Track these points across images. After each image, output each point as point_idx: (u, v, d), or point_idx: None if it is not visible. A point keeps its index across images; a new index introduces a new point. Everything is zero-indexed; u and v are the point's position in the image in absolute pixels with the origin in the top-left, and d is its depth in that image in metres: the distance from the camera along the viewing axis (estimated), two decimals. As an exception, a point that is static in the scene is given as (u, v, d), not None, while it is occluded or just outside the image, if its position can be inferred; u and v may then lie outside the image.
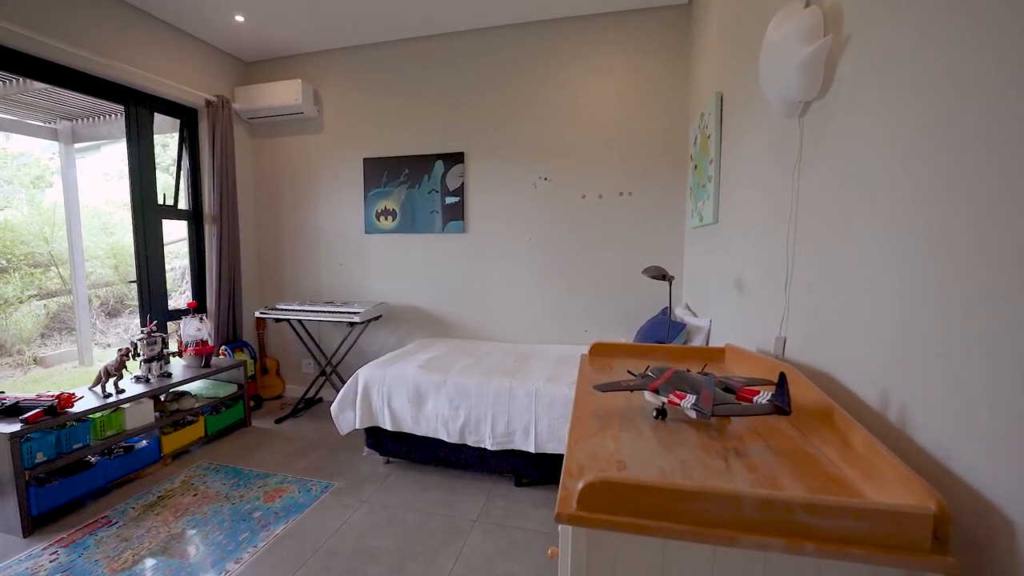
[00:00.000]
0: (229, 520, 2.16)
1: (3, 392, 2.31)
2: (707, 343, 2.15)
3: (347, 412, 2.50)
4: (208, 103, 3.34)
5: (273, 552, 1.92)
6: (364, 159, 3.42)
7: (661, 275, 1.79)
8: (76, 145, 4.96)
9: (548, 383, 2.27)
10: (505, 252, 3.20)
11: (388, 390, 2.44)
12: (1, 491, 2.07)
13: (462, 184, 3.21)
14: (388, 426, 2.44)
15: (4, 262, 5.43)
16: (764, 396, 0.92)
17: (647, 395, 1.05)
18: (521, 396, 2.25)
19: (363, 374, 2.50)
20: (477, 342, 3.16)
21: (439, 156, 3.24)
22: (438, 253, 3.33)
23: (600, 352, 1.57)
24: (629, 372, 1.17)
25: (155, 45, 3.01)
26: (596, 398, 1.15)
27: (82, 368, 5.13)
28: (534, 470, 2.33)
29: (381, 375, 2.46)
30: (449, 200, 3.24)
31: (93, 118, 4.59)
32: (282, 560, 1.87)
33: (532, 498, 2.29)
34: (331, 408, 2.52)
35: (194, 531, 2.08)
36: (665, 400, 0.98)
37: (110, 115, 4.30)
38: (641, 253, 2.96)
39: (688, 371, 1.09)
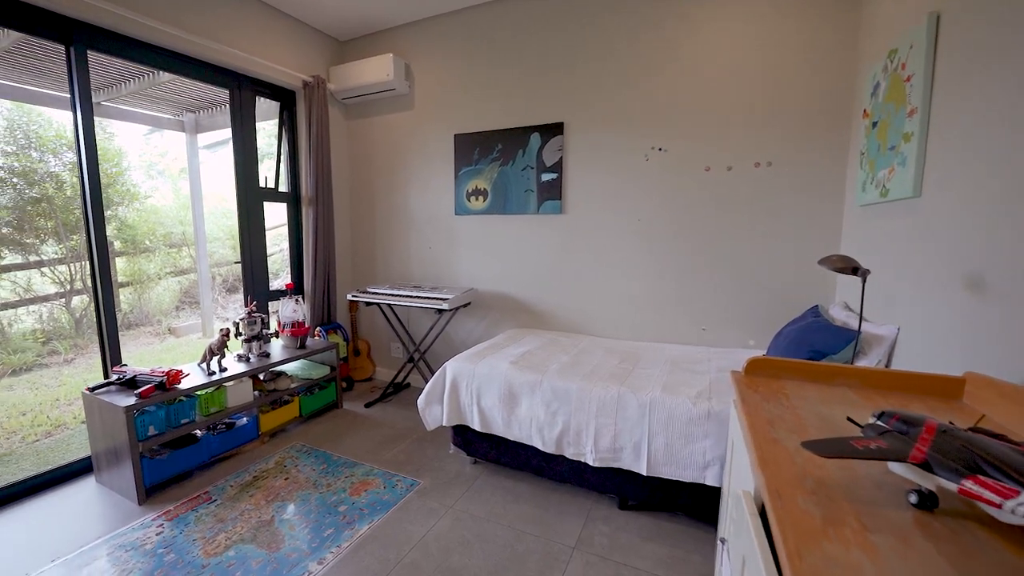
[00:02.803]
0: (316, 511, 2.08)
1: (126, 365, 2.44)
2: (888, 361, 1.62)
3: (433, 407, 2.32)
4: (305, 84, 3.31)
5: (355, 556, 1.79)
6: (455, 135, 3.20)
7: (851, 268, 1.30)
8: (201, 136, 5.39)
9: (665, 393, 1.88)
10: (608, 235, 2.80)
11: (477, 387, 2.21)
12: (120, 459, 2.18)
13: (560, 159, 2.85)
14: (477, 426, 2.22)
15: (147, 243, 6.15)
16: None
17: (897, 466, 0.65)
18: (632, 407, 1.88)
19: (451, 367, 2.29)
20: (573, 336, 2.83)
21: (535, 128, 2.90)
22: (532, 236, 3.03)
23: (762, 371, 1.16)
24: (851, 420, 0.76)
25: (254, 26, 3.01)
26: (791, 453, 0.77)
27: (204, 339, 5.66)
28: (643, 491, 1.97)
29: (470, 370, 2.24)
30: (545, 177, 2.91)
31: (211, 109, 4.91)
32: (363, 569, 1.72)
33: (641, 527, 1.93)
34: (417, 402, 2.36)
35: (282, 520, 2.02)
36: (953, 487, 0.57)
37: (224, 105, 4.56)
38: (781, 237, 2.40)
39: (952, 426, 0.67)
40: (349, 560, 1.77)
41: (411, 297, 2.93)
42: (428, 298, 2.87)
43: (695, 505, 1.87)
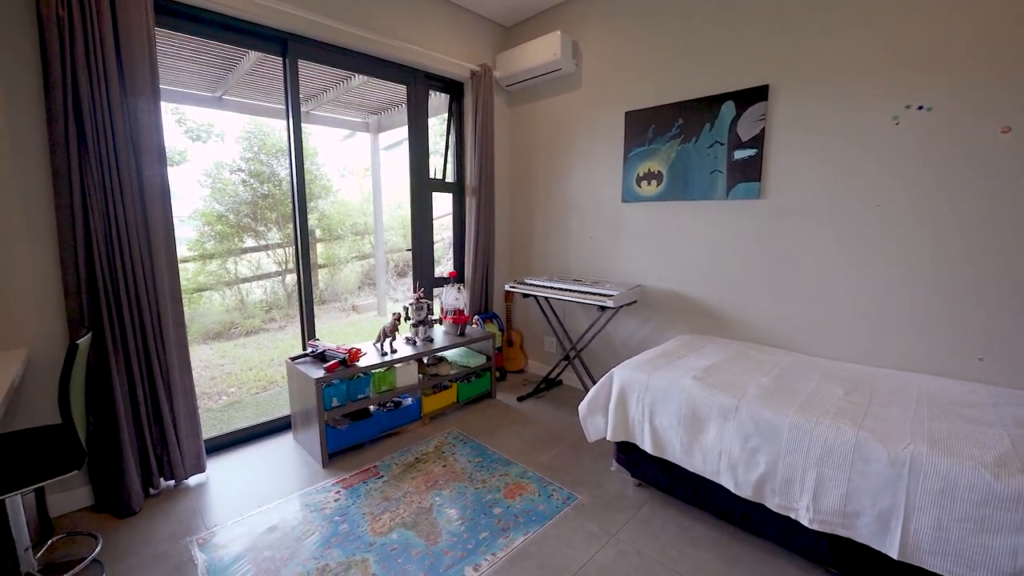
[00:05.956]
0: (471, 507, 2.02)
1: (318, 339, 2.72)
2: None
3: (597, 417, 2.08)
4: (473, 74, 3.32)
5: (510, 571, 1.65)
6: (626, 113, 2.86)
7: None
8: (381, 136, 5.97)
9: (936, 451, 1.32)
10: (825, 225, 2.19)
11: (651, 402, 1.89)
12: (310, 424, 2.42)
13: (762, 131, 2.31)
14: (647, 447, 1.91)
15: (339, 231, 7.14)
16: None
17: None
18: (878, 461, 1.37)
19: (619, 376, 2.01)
20: (768, 350, 2.30)
21: (729, 96, 2.41)
22: (717, 226, 2.55)
23: None
24: None
25: (427, 20, 3.07)
26: None
27: (379, 317, 6.34)
28: (881, 574, 1.44)
29: (643, 381, 1.93)
30: (739, 155, 2.40)
31: (390, 110, 5.38)
32: (521, 590, 1.57)
33: (879, 624, 1.42)
34: (579, 408, 2.14)
35: (440, 511, 2.00)
36: None
37: (401, 105, 4.93)
38: None
39: None
40: (504, 574, 1.64)
41: (571, 291, 2.72)
42: (590, 293, 2.62)
43: (980, 617, 1.29)
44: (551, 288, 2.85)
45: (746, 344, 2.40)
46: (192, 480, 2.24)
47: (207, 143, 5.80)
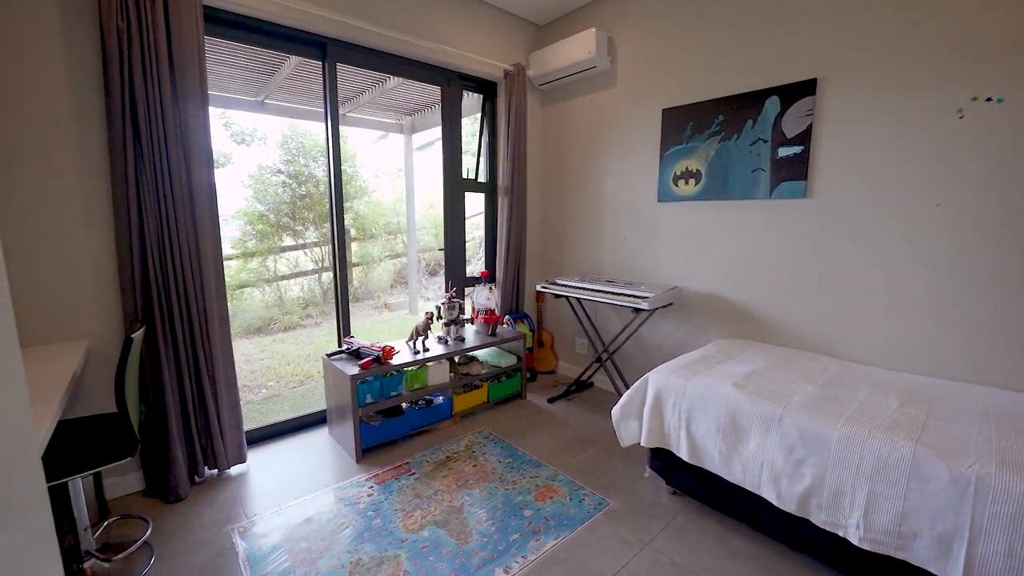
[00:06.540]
0: (501, 509, 2.02)
1: (353, 337, 2.78)
2: None
3: (630, 422, 2.03)
4: (506, 73, 3.31)
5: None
6: (663, 110, 2.79)
7: None
8: (415, 137, 6.05)
9: (1008, 472, 1.22)
10: (878, 226, 2.06)
11: (688, 409, 1.83)
12: (344, 419, 2.47)
13: (809, 127, 2.21)
14: (683, 455, 1.85)
15: (373, 230, 7.29)
16: None
17: None
18: (938, 479, 1.28)
19: (654, 380, 1.96)
20: (813, 357, 2.19)
21: (773, 91, 2.31)
22: (759, 227, 2.45)
23: None
24: None
25: (461, 21, 3.08)
26: None
27: (410, 316, 6.44)
28: (940, 603, 1.34)
29: (679, 387, 1.87)
30: (784, 152, 2.29)
31: (423, 111, 5.45)
32: (552, 595, 1.55)
33: (937, 654, 1.32)
34: (612, 412, 2.10)
35: (471, 510, 2.01)
36: None
37: (435, 106, 4.98)
38: None
39: None
40: (535, 578, 1.62)
41: (604, 292, 2.67)
42: (624, 295, 2.57)
43: (1055, 654, 1.18)
44: (583, 289, 2.81)
45: (790, 350, 2.29)
46: (234, 470, 2.33)
47: (251, 146, 6.04)
